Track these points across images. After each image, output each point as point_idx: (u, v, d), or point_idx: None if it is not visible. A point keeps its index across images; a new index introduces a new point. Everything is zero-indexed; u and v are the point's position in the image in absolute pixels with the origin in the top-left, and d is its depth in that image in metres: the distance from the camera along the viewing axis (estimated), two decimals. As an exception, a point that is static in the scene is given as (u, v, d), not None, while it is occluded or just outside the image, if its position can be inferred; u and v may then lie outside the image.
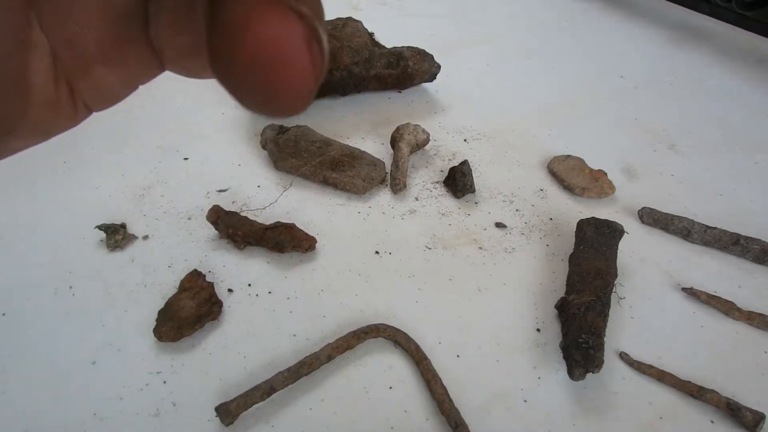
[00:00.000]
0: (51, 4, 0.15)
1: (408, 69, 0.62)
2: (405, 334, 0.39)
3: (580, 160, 0.55)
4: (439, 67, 0.63)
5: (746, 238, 0.46)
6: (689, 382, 0.37)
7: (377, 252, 0.46)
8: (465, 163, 0.51)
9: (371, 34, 0.63)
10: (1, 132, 0.15)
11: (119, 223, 0.46)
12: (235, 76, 0.11)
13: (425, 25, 0.81)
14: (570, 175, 0.53)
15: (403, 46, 0.63)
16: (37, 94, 0.15)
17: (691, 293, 0.43)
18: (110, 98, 0.17)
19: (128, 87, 0.17)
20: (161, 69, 0.17)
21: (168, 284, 0.42)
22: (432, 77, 0.64)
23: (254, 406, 0.34)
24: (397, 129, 0.54)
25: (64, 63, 0.16)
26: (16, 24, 0.14)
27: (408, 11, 0.65)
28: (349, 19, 0.62)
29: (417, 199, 0.51)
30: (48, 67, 0.15)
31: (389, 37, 0.75)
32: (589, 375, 0.36)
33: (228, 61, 0.11)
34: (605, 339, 0.38)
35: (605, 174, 0.53)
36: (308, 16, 0.11)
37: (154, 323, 0.39)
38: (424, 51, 0.64)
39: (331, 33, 0.59)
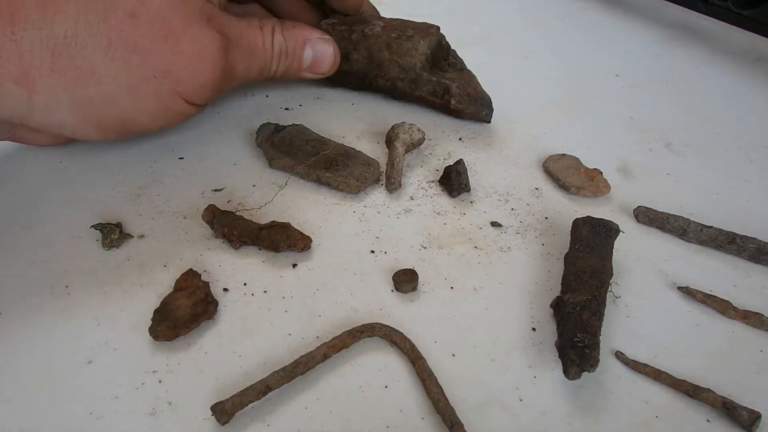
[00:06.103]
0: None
1: (450, 104, 0.58)
2: (400, 333, 0.39)
3: (576, 159, 0.55)
4: (488, 114, 0.58)
5: (742, 236, 0.46)
6: (685, 381, 0.37)
7: (372, 251, 0.46)
8: (460, 162, 0.51)
9: (447, 53, 0.60)
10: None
11: (115, 222, 0.46)
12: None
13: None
14: (565, 174, 0.53)
15: (457, 78, 0.58)
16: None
17: (687, 292, 0.43)
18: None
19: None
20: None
21: (163, 283, 0.42)
22: (479, 120, 0.59)
23: (250, 405, 0.34)
24: (393, 128, 0.54)
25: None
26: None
27: (404, 11, 0.65)
28: (420, 33, 0.57)
29: (412, 198, 0.51)
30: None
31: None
32: (585, 374, 0.36)
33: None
34: (601, 338, 0.38)
35: (601, 173, 0.53)
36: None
37: (150, 322, 0.39)
38: (478, 95, 0.58)
39: (391, 41, 0.57)
